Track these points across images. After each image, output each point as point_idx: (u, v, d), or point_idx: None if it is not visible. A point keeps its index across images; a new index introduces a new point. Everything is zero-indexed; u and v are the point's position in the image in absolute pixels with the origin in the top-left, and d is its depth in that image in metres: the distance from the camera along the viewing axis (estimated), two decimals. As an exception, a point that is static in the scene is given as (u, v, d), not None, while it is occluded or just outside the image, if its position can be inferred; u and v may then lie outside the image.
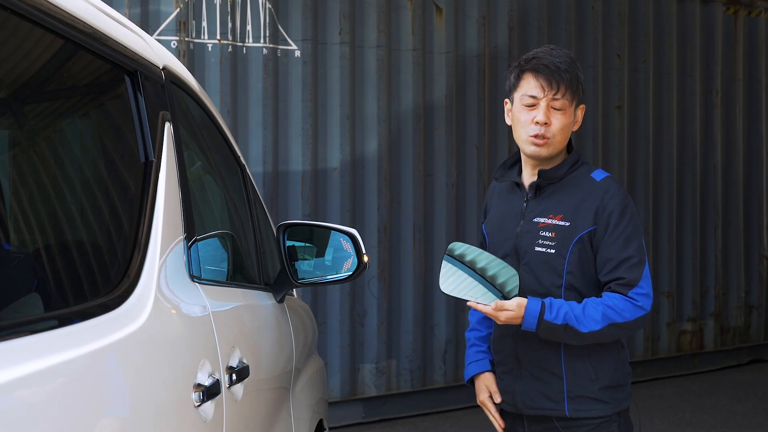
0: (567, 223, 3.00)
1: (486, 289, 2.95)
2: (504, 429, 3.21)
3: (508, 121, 3.13)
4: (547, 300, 2.94)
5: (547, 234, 3.02)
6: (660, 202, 8.56)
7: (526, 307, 2.92)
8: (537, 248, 3.03)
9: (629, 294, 2.93)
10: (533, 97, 3.01)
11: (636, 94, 8.42)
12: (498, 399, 3.17)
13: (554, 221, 3.02)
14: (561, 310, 2.92)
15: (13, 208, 1.88)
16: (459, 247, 3.00)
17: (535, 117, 3.00)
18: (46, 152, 2.01)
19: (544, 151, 3.02)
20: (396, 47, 7.05)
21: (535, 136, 3.00)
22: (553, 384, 3.04)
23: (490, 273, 2.95)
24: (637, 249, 2.98)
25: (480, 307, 2.94)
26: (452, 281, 2.98)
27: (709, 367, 8.93)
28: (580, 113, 3.10)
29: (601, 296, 2.99)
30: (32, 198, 1.93)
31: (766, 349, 9.45)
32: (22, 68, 1.83)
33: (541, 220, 3.04)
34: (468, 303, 2.97)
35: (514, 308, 2.92)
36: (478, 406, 3.28)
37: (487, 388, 3.19)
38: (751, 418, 7.20)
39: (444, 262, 2.99)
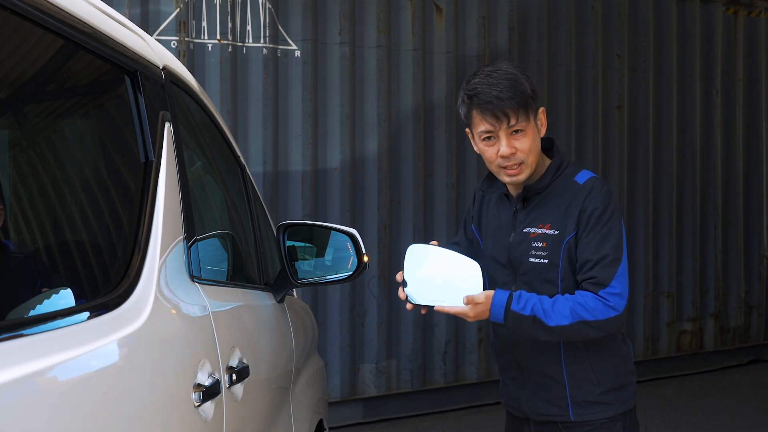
0: (556, 231, 2.97)
1: (451, 290, 2.89)
2: (508, 429, 3.22)
3: (476, 150, 3.05)
4: (516, 292, 2.91)
5: (539, 244, 2.99)
6: (660, 202, 8.56)
7: (493, 298, 2.88)
8: (531, 259, 2.99)
9: (600, 294, 2.89)
10: (489, 131, 2.94)
11: (636, 94, 8.42)
12: None
13: (544, 230, 2.99)
14: (530, 301, 2.87)
15: (14, 208, 1.88)
16: (410, 258, 2.95)
17: (499, 151, 2.94)
18: (46, 152, 2.01)
19: (522, 177, 2.97)
20: (396, 47, 7.05)
21: (506, 168, 2.96)
22: (556, 390, 3.02)
23: (438, 282, 2.91)
24: (613, 248, 2.92)
25: (449, 309, 2.88)
26: (419, 293, 2.93)
27: (709, 367, 8.93)
28: (542, 117, 3.01)
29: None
30: (32, 198, 1.94)
31: (766, 349, 9.45)
32: (22, 68, 1.83)
33: (531, 230, 3.01)
34: (435, 308, 2.89)
35: (482, 300, 2.87)
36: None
37: None
38: (751, 418, 7.20)
39: (404, 278, 2.94)
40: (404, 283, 2.96)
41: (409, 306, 2.96)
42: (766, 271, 9.37)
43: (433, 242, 3.05)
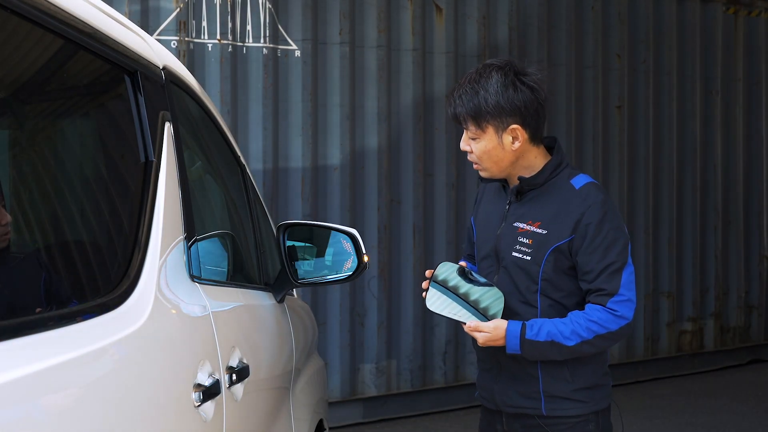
0: (544, 231, 3.00)
1: (467, 311, 2.98)
2: (482, 425, 3.24)
3: None
4: (528, 321, 2.95)
5: (525, 240, 3.03)
6: (660, 202, 8.56)
7: (507, 329, 2.94)
8: (514, 253, 3.04)
9: (608, 305, 2.93)
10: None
11: (636, 94, 8.42)
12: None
13: (532, 228, 3.02)
14: (543, 327, 2.93)
15: (14, 208, 1.88)
16: (443, 272, 3.02)
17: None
18: (46, 152, 2.01)
19: (484, 174, 3.09)
20: (396, 47, 7.05)
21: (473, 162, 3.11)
22: (530, 384, 3.06)
23: (473, 298, 2.98)
24: (619, 254, 2.96)
25: (466, 325, 2.99)
26: (437, 301, 3.02)
27: (709, 367, 8.93)
28: (512, 134, 3.00)
29: (579, 308, 3.00)
30: (32, 198, 1.94)
31: (766, 349, 9.45)
32: (22, 68, 1.83)
33: (520, 225, 3.05)
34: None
35: (490, 330, 2.94)
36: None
37: None
38: (751, 418, 7.20)
39: (431, 287, 3.01)
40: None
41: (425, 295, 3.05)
42: (766, 271, 9.37)
43: (462, 263, 3.12)
